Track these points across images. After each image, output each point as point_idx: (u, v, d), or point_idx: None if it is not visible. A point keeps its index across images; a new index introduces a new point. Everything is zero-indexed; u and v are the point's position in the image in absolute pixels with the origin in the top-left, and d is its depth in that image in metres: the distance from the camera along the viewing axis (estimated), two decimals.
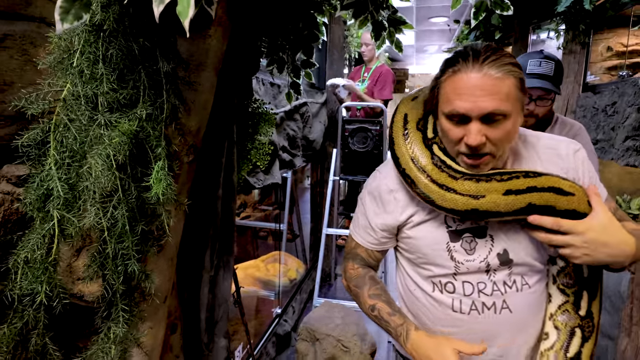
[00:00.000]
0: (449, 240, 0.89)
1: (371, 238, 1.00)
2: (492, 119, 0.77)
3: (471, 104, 0.76)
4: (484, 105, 0.76)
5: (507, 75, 0.76)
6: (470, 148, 0.79)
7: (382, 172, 0.99)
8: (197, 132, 0.91)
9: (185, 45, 0.85)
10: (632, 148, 1.94)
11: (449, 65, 0.81)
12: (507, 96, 0.77)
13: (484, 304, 0.89)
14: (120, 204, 0.74)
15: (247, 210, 4.26)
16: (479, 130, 0.77)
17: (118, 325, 0.77)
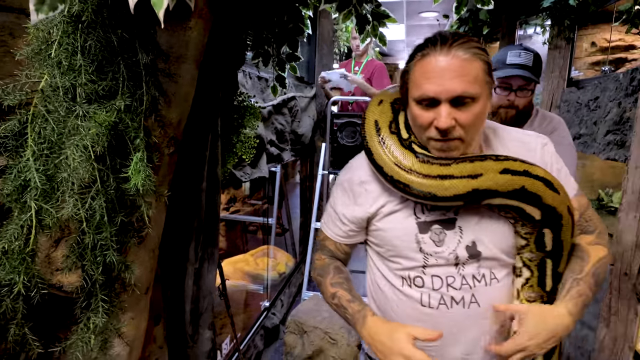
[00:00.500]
0: (417, 232, 0.89)
1: (339, 230, 1.00)
2: (461, 102, 0.78)
3: (440, 87, 0.77)
4: (453, 87, 0.76)
5: (474, 58, 0.77)
6: (440, 132, 0.79)
7: (354, 164, 0.99)
8: (178, 124, 0.91)
9: (165, 37, 0.85)
10: (612, 142, 1.98)
11: (418, 51, 0.81)
12: (476, 78, 0.77)
13: (452, 298, 0.88)
14: (99, 195, 0.74)
15: (236, 204, 4.26)
16: (448, 113, 0.78)
17: (98, 315, 0.78)
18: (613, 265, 1.79)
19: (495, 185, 0.81)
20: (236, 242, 3.97)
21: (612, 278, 1.78)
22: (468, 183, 0.81)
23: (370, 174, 0.94)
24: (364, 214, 0.94)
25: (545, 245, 0.87)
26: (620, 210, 1.76)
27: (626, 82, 1.89)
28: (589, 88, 2.26)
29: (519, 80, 1.38)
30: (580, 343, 2.15)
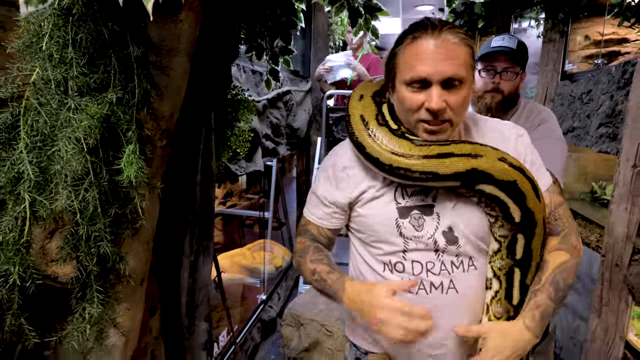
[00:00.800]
0: (397, 217, 0.91)
1: (321, 213, 1.00)
2: (451, 84, 0.80)
3: (432, 68, 0.79)
4: (445, 69, 0.79)
5: (462, 42, 0.80)
6: (431, 113, 0.81)
7: (338, 151, 1.01)
8: (171, 117, 0.92)
9: (156, 29, 0.85)
10: (605, 135, 1.99)
11: (407, 34, 0.82)
12: (464, 62, 0.80)
13: (432, 283, 0.90)
14: (92, 186, 0.75)
15: (233, 198, 4.27)
16: (439, 94, 0.80)
17: (93, 305, 0.79)
18: (604, 257, 1.81)
19: (492, 170, 0.83)
20: (233, 236, 3.98)
21: (604, 269, 1.81)
22: (468, 161, 0.82)
23: (354, 160, 0.95)
24: (346, 199, 0.95)
25: (516, 252, 0.88)
26: (612, 203, 1.78)
27: (618, 76, 1.90)
28: (582, 81, 2.28)
29: (502, 62, 1.37)
30: (573, 334, 2.18)
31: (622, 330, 1.74)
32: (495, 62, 1.39)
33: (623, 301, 1.73)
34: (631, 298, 1.67)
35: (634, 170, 1.65)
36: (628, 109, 1.71)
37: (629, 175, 1.67)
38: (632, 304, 1.69)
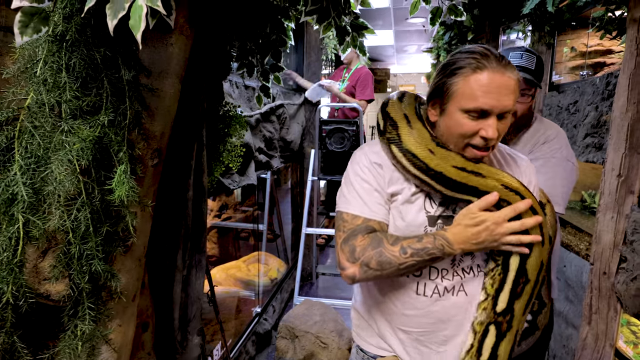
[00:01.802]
0: (427, 224, 0.95)
1: (381, 200, 0.96)
2: (503, 116, 0.86)
3: (497, 102, 0.84)
4: (507, 104, 0.85)
5: (517, 78, 0.87)
6: (486, 140, 0.86)
7: (367, 149, 1.01)
8: (162, 136, 0.94)
9: (147, 53, 0.88)
10: (591, 145, 2.04)
11: (469, 64, 0.85)
12: (517, 97, 0.88)
13: (445, 288, 0.96)
14: (84, 206, 0.77)
15: (228, 211, 4.28)
16: (496, 125, 0.86)
17: (84, 322, 0.81)
18: (593, 265, 1.84)
19: (524, 193, 0.90)
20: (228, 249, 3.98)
21: (592, 277, 1.83)
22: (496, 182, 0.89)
23: (385, 158, 0.98)
24: (385, 191, 0.97)
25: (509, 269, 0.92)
26: (598, 211, 1.82)
27: (602, 87, 1.95)
28: (569, 92, 2.33)
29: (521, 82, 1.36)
30: (566, 342, 2.19)
31: (612, 338, 1.76)
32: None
33: (612, 309, 1.75)
34: (620, 306, 1.69)
35: (619, 179, 1.69)
36: (611, 119, 1.75)
37: (614, 185, 1.71)
38: (621, 312, 1.71)
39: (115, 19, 0.65)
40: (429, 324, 0.98)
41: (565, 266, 2.23)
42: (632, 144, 1.63)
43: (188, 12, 0.93)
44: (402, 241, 0.91)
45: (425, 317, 0.97)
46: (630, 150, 1.63)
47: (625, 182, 1.66)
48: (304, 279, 3.74)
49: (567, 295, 2.21)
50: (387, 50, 8.16)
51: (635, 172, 1.62)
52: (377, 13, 5.44)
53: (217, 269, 3.28)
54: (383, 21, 5.83)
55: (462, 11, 1.19)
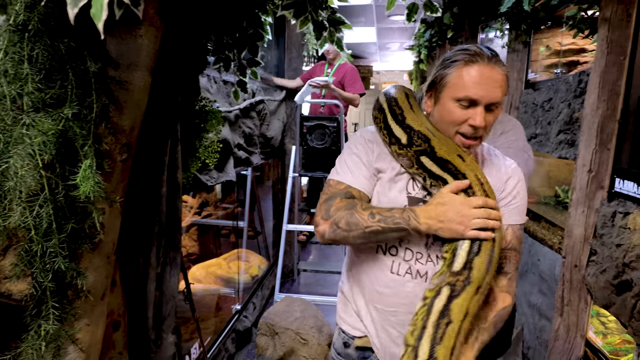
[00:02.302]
0: (407, 205, 1.00)
1: (367, 173, 1.03)
2: (490, 108, 0.93)
3: (485, 92, 0.91)
4: (494, 95, 0.92)
5: (506, 74, 0.95)
6: (474, 129, 0.93)
7: (364, 131, 1.11)
8: (131, 130, 0.92)
9: (115, 44, 0.86)
10: (564, 141, 2.09)
11: (462, 59, 0.93)
12: (505, 91, 0.95)
13: (418, 271, 1.00)
14: (47, 202, 0.74)
15: (208, 208, 4.23)
16: (483, 114, 0.92)
17: (48, 322, 0.78)
18: (565, 258, 1.89)
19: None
20: (209, 246, 3.94)
21: (564, 270, 1.88)
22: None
23: (376, 137, 1.06)
24: (372, 165, 1.04)
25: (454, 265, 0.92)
26: (570, 206, 1.86)
27: (574, 84, 2.00)
28: (544, 90, 2.38)
29: None
30: (539, 334, 2.25)
31: (583, 329, 1.81)
32: None
33: (583, 301, 1.80)
34: (590, 297, 1.74)
35: (590, 175, 1.73)
36: (583, 116, 1.80)
37: (585, 180, 1.75)
38: (591, 303, 1.76)
39: (75, 7, 0.62)
40: (400, 304, 1.02)
41: (539, 260, 2.28)
42: (602, 140, 1.67)
43: (158, 3, 0.91)
44: (373, 208, 0.97)
45: (396, 297, 1.03)
46: (601, 147, 1.68)
47: (596, 178, 1.70)
48: (285, 276, 3.73)
49: (540, 288, 2.26)
50: (369, 47, 8.18)
51: (605, 168, 1.67)
52: (359, 10, 5.44)
53: (198, 266, 3.24)
54: (365, 18, 5.84)
55: (438, 7, 1.20)
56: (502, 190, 1.01)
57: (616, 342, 1.93)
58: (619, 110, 1.60)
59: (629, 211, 1.45)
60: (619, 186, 1.55)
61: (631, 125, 1.55)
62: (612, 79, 1.62)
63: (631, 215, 1.43)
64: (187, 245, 3.53)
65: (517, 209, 1.01)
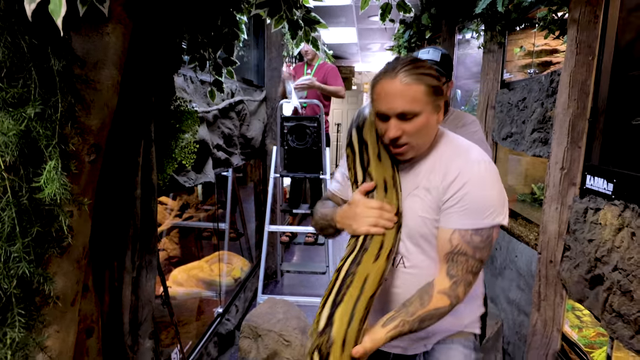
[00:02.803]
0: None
1: (341, 179, 1.21)
2: (405, 117, 0.96)
3: (386, 106, 0.96)
4: (396, 105, 0.95)
5: (415, 82, 0.94)
6: (390, 140, 0.98)
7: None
8: (100, 131, 0.90)
9: (80, 42, 0.84)
10: (538, 140, 2.13)
11: (376, 76, 1.01)
12: (415, 99, 0.94)
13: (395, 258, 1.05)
14: (10, 205, 0.72)
15: (189, 210, 4.17)
16: (395, 125, 0.96)
17: (14, 330, 0.75)
18: (540, 254, 1.93)
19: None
20: (190, 249, 3.89)
21: (540, 266, 1.92)
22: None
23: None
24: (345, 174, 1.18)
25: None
26: (544, 203, 1.91)
27: (547, 84, 2.05)
28: (518, 89, 2.43)
29: None
30: (518, 329, 2.29)
31: (559, 323, 1.85)
32: None
33: (558, 295, 1.84)
34: (565, 292, 1.79)
35: (562, 172, 1.78)
36: (555, 115, 1.84)
37: (558, 177, 1.80)
38: (566, 298, 1.80)
39: (33, 2, 0.60)
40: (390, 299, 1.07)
41: (517, 256, 2.33)
42: (573, 138, 1.72)
43: (125, 0, 0.89)
44: (324, 207, 1.17)
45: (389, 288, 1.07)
46: (572, 144, 1.72)
47: (568, 175, 1.75)
48: (268, 277, 3.71)
49: (518, 284, 2.30)
50: (351, 48, 8.21)
51: (577, 165, 1.71)
52: (339, 10, 5.46)
53: (179, 269, 3.19)
54: (346, 18, 5.86)
55: (411, 7, 1.21)
56: (445, 191, 0.98)
57: (591, 335, 1.98)
58: (589, 109, 1.64)
59: (600, 207, 1.49)
60: (590, 183, 1.59)
61: (601, 123, 1.59)
62: (582, 79, 1.67)
63: (602, 211, 1.47)
64: (168, 248, 3.47)
65: (465, 213, 0.95)
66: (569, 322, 1.88)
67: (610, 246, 1.40)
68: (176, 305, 2.76)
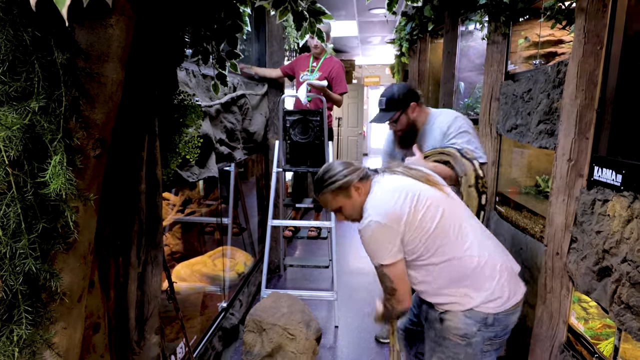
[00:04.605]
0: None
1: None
2: (337, 211, 1.56)
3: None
4: (327, 207, 1.57)
5: (324, 194, 1.52)
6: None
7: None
8: (104, 125, 0.88)
9: (84, 35, 0.82)
10: (544, 131, 2.11)
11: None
12: (330, 202, 1.53)
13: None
14: (14, 201, 0.71)
15: (192, 206, 4.17)
16: (336, 214, 1.59)
17: (21, 327, 0.75)
18: (547, 246, 1.92)
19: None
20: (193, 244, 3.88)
21: (546, 258, 1.91)
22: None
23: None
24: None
25: None
26: (551, 195, 1.89)
27: (553, 75, 2.02)
28: (523, 81, 2.40)
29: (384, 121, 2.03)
30: (523, 320, 2.28)
31: (565, 315, 1.84)
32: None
33: (564, 287, 1.83)
34: (571, 284, 1.78)
35: (569, 163, 1.76)
36: (562, 106, 1.82)
37: (565, 169, 1.78)
38: (572, 290, 1.79)
39: None
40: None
41: (522, 249, 2.32)
42: (580, 129, 1.70)
43: None
44: None
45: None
46: (579, 135, 1.70)
47: (575, 166, 1.73)
48: (271, 272, 3.71)
49: (524, 277, 2.29)
50: (351, 41, 8.16)
51: (584, 156, 1.69)
52: (340, 3, 5.41)
53: (182, 265, 3.19)
54: (346, 12, 5.81)
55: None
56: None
57: (597, 327, 1.97)
58: (597, 99, 1.62)
59: (608, 198, 1.48)
60: (598, 174, 1.57)
61: (609, 114, 1.57)
62: (590, 69, 1.65)
63: (610, 203, 1.46)
64: (171, 243, 3.47)
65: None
66: (575, 314, 1.87)
67: (619, 237, 1.39)
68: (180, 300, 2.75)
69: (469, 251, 1.41)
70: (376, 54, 9.67)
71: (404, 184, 1.46)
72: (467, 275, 1.41)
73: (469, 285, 1.41)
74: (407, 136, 2.06)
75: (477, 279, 1.41)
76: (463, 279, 1.41)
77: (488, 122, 2.92)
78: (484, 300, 1.40)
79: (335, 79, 3.49)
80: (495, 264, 1.44)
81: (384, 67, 11.13)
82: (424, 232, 1.38)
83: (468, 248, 1.41)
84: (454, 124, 1.96)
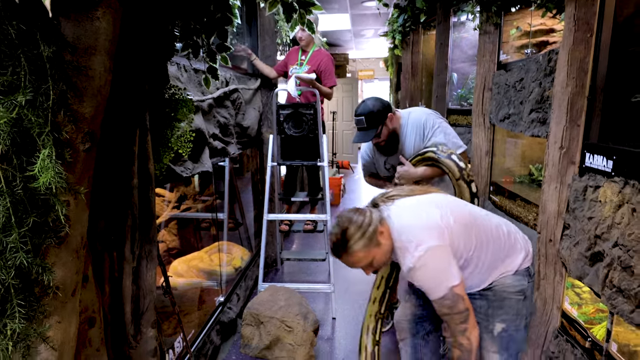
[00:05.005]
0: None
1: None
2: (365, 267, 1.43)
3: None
4: (354, 267, 1.44)
5: (352, 255, 1.37)
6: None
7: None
8: (93, 119, 0.88)
9: (71, 28, 0.81)
10: (536, 120, 2.12)
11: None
12: (361, 260, 1.38)
13: None
14: (3, 195, 0.71)
15: (187, 202, 4.16)
16: (365, 270, 1.46)
17: (14, 321, 0.75)
18: (540, 233, 1.93)
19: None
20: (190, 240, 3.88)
21: (540, 245, 1.93)
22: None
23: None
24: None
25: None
26: (543, 182, 1.90)
27: (544, 64, 2.03)
28: (515, 70, 2.41)
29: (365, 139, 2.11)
30: None
31: (559, 301, 1.87)
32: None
33: (558, 274, 1.85)
34: (564, 270, 1.79)
35: (561, 151, 1.77)
36: (553, 94, 1.83)
37: (557, 157, 1.79)
38: (566, 276, 1.81)
39: None
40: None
41: None
42: (572, 116, 1.71)
43: None
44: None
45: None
46: (571, 123, 1.71)
47: (567, 154, 1.74)
48: (268, 266, 3.72)
49: None
50: (344, 34, 8.12)
51: (576, 144, 1.70)
52: None
53: (179, 260, 3.19)
54: (339, 5, 5.78)
55: None
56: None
57: (590, 312, 1.99)
58: (588, 86, 1.63)
59: (599, 184, 1.49)
60: (589, 161, 1.58)
61: (599, 101, 1.58)
62: (580, 57, 1.65)
63: (601, 189, 1.47)
64: (167, 239, 3.46)
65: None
66: (569, 299, 1.89)
67: (610, 223, 1.40)
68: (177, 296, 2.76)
69: (494, 225, 1.49)
70: (370, 47, 9.63)
71: (412, 202, 1.46)
72: (504, 246, 1.47)
73: (510, 254, 1.48)
74: (390, 144, 2.12)
75: (512, 244, 1.50)
76: (503, 250, 1.47)
77: (481, 112, 2.92)
78: (523, 258, 1.51)
79: (324, 72, 3.48)
80: (509, 225, 1.56)
81: (378, 60, 11.09)
82: (458, 230, 1.38)
83: (492, 223, 1.50)
84: (426, 124, 2.06)
